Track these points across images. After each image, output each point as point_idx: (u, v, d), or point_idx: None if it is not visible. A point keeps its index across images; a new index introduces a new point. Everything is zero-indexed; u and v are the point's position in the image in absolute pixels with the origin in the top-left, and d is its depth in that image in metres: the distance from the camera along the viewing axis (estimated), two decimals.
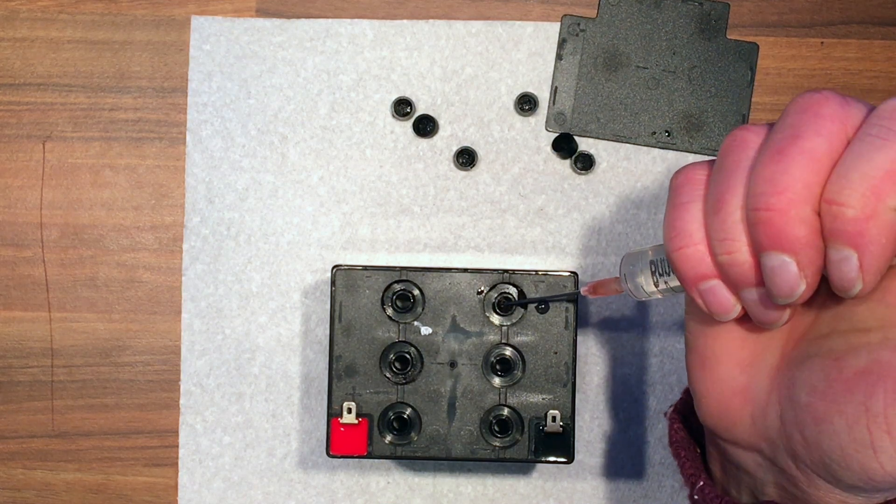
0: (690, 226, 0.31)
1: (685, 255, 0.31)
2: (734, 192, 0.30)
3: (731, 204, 0.30)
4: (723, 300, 0.31)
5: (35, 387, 0.50)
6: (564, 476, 0.49)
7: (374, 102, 0.49)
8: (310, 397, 0.49)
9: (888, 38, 0.49)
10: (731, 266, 0.30)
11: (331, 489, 0.49)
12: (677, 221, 0.31)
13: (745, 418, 0.34)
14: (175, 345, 0.49)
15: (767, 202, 0.28)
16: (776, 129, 0.29)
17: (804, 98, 0.29)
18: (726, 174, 0.30)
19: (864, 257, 0.28)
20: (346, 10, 0.50)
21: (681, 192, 0.31)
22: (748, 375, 0.34)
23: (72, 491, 0.50)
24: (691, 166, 0.32)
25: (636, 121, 0.49)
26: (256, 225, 0.49)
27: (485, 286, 0.43)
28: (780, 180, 0.28)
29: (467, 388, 0.43)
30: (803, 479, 0.33)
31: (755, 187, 0.29)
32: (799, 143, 0.28)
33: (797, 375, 0.32)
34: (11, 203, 0.50)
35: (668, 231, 0.31)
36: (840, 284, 0.29)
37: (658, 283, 0.35)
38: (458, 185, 0.49)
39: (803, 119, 0.29)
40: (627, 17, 0.49)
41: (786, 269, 0.29)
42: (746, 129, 0.31)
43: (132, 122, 0.50)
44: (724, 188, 0.30)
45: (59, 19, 0.49)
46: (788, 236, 0.28)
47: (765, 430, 0.33)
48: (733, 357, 0.34)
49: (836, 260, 0.28)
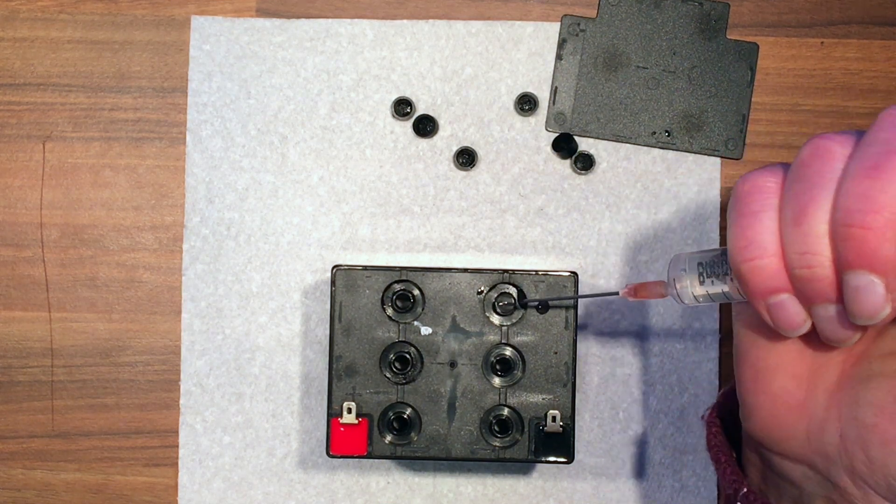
0: (763, 236, 0.29)
1: (756, 266, 0.29)
2: (818, 203, 0.28)
3: (814, 216, 0.28)
4: (793, 315, 0.30)
5: (35, 387, 0.50)
6: (564, 476, 0.49)
7: (374, 102, 0.49)
8: (310, 397, 0.49)
9: (888, 38, 0.49)
10: (809, 281, 0.29)
11: (331, 489, 0.49)
12: (748, 231, 0.30)
13: (800, 433, 0.33)
14: (175, 345, 0.49)
15: (863, 220, 0.27)
16: (869, 142, 0.28)
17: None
18: (810, 184, 0.29)
19: None
20: (346, 10, 0.50)
21: (751, 200, 0.30)
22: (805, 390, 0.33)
23: (72, 491, 0.50)
24: (760, 173, 0.31)
25: (636, 121, 0.49)
26: (256, 225, 0.49)
27: (485, 286, 0.43)
28: (877, 198, 0.27)
29: (467, 388, 0.43)
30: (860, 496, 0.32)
31: (848, 203, 0.27)
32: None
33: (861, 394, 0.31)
34: (11, 203, 0.50)
35: (736, 241, 0.30)
36: None
37: (709, 290, 0.34)
38: (458, 185, 0.49)
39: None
40: (627, 17, 0.49)
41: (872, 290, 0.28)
42: (829, 138, 0.29)
43: (132, 122, 0.50)
44: (807, 199, 0.28)
45: (59, 19, 0.49)
46: (881, 257, 0.27)
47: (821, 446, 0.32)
48: (789, 370, 0.33)
49: None
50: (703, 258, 0.34)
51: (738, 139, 0.49)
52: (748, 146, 0.49)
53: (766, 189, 0.30)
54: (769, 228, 0.29)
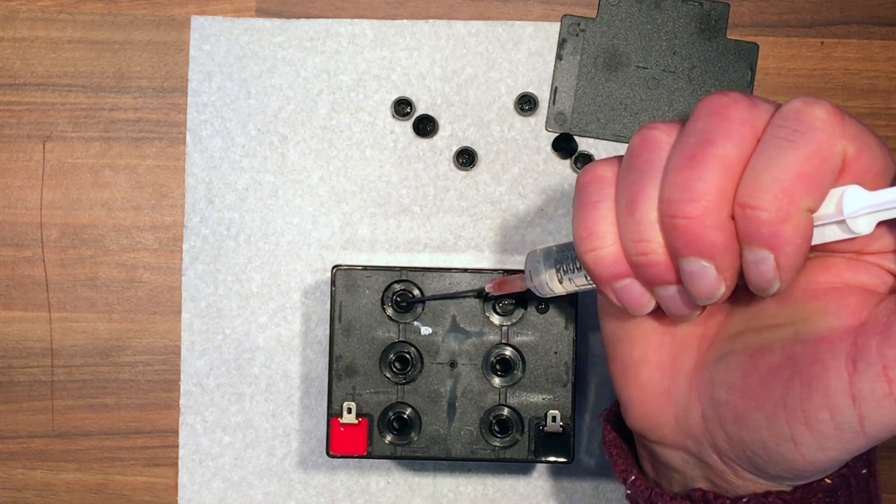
0: (601, 226, 0.31)
1: (598, 256, 0.31)
2: (647, 193, 0.30)
3: (644, 205, 0.30)
4: (637, 297, 0.31)
5: (35, 387, 0.50)
6: (564, 476, 0.49)
7: (374, 102, 0.49)
8: (310, 397, 0.49)
9: (888, 38, 0.49)
10: (646, 266, 0.30)
11: (331, 489, 0.49)
12: (587, 221, 0.31)
13: (669, 419, 0.34)
14: (175, 345, 0.49)
15: (683, 210, 0.28)
16: (687, 133, 0.29)
17: (713, 101, 0.29)
18: (638, 175, 0.30)
19: (780, 257, 0.28)
20: (346, 10, 0.50)
21: (589, 191, 0.31)
22: (668, 378, 0.34)
23: (72, 491, 0.50)
24: (598, 164, 0.32)
25: (636, 121, 0.49)
26: (256, 225, 0.49)
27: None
28: (694, 187, 0.28)
29: (467, 388, 0.43)
30: (729, 472, 0.33)
31: (670, 194, 0.29)
32: (711, 148, 0.28)
33: (714, 374, 0.33)
34: (11, 203, 0.50)
35: (578, 231, 0.31)
36: (758, 284, 0.29)
37: (563, 280, 0.35)
38: (458, 185, 0.49)
39: (713, 123, 0.29)
40: (627, 17, 0.49)
41: (705, 273, 0.29)
42: (655, 127, 0.31)
43: (132, 122, 0.50)
44: (636, 189, 0.30)
45: (59, 19, 0.50)
46: (706, 242, 0.29)
47: (688, 429, 0.34)
48: (652, 361, 0.34)
49: (753, 261, 0.28)
50: (556, 250, 0.36)
51: None
52: None
53: (603, 180, 0.31)
54: (607, 218, 0.31)
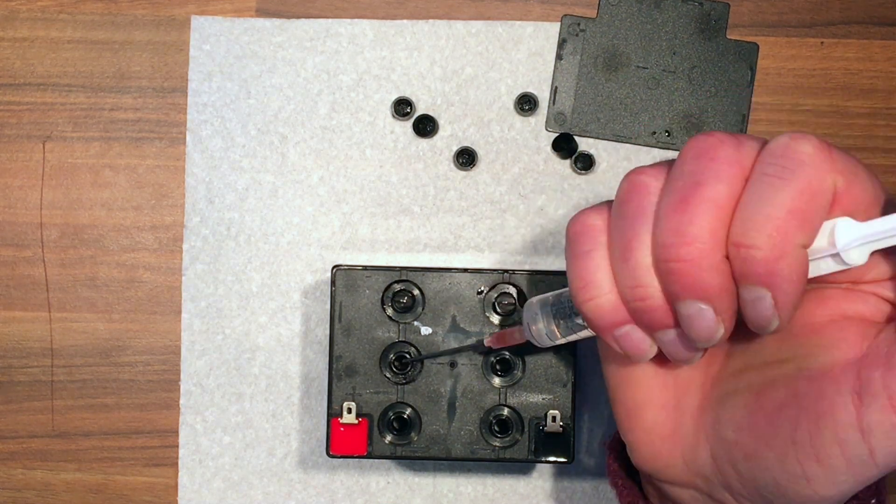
0: (596, 275, 0.31)
1: (596, 305, 0.31)
2: (640, 238, 0.30)
3: (638, 251, 0.30)
4: (638, 343, 0.31)
5: (35, 387, 0.50)
6: (564, 476, 0.49)
7: (374, 102, 0.49)
8: (310, 397, 0.49)
9: (888, 38, 0.49)
10: (644, 312, 0.30)
11: (331, 489, 0.49)
12: (582, 271, 0.31)
13: (677, 460, 0.34)
14: (175, 345, 0.49)
15: (677, 253, 0.28)
16: (675, 176, 0.29)
17: (698, 142, 0.29)
18: (629, 221, 0.30)
19: (777, 295, 0.28)
20: (346, 10, 0.50)
21: (581, 241, 0.31)
22: (674, 419, 0.34)
23: (72, 491, 0.50)
24: (586, 213, 0.32)
25: (636, 121, 0.49)
26: (256, 225, 0.49)
27: (485, 286, 0.43)
28: (687, 231, 0.28)
29: (467, 388, 0.43)
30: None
31: (662, 238, 0.29)
32: (700, 190, 0.28)
33: (721, 414, 0.33)
34: (11, 203, 0.50)
35: (574, 282, 0.31)
36: (757, 323, 0.29)
37: (562, 330, 0.35)
38: (458, 185, 0.49)
39: (701, 164, 0.29)
40: (627, 17, 0.49)
41: (703, 316, 0.29)
42: (642, 172, 0.30)
43: (132, 122, 0.50)
44: (629, 235, 0.30)
45: (59, 19, 0.50)
46: (702, 285, 0.28)
47: (698, 468, 0.34)
48: (656, 402, 0.34)
49: (750, 300, 0.28)
50: (553, 300, 0.35)
51: None
52: None
53: (594, 228, 0.31)
54: (601, 267, 0.31)
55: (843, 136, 0.49)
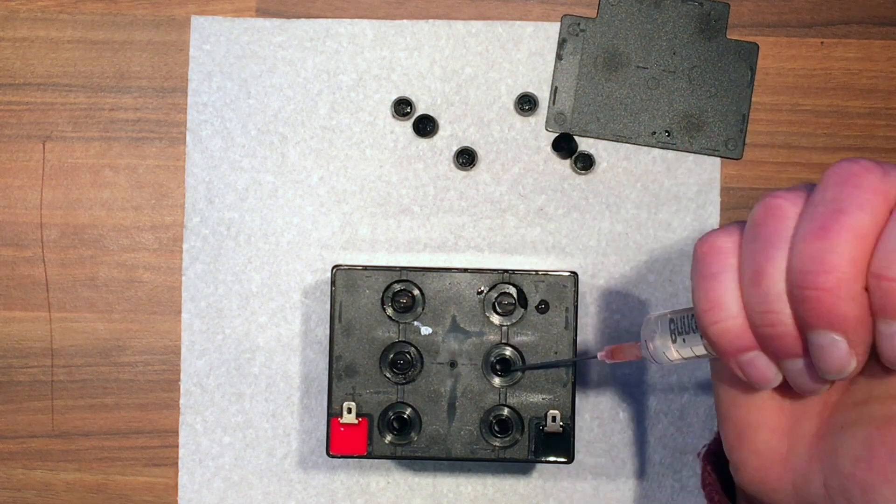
0: (724, 298, 0.30)
1: (723, 328, 0.30)
2: (774, 263, 0.29)
3: (772, 276, 0.29)
4: (764, 370, 0.31)
5: (35, 387, 0.50)
6: (564, 476, 0.49)
7: (374, 102, 0.49)
8: (310, 397, 0.49)
9: (888, 38, 0.49)
10: (773, 339, 0.29)
11: (331, 489, 0.49)
12: (710, 293, 0.30)
13: (787, 486, 0.33)
14: (175, 345, 0.49)
15: (815, 281, 0.28)
16: (816, 202, 0.29)
17: (843, 168, 0.29)
18: (764, 244, 0.29)
19: None
20: (346, 10, 0.50)
21: (709, 262, 0.30)
22: (787, 444, 0.33)
23: (72, 491, 0.50)
24: (716, 234, 0.31)
25: (636, 121, 0.49)
26: (256, 225, 0.49)
27: (485, 286, 0.43)
28: (827, 259, 0.27)
29: (467, 388, 0.43)
30: None
31: (800, 264, 0.28)
32: (843, 218, 0.28)
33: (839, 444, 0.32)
34: (11, 203, 0.50)
35: (700, 304, 0.30)
36: (893, 358, 0.28)
37: (682, 350, 0.34)
38: (458, 185, 0.49)
39: (844, 192, 0.28)
40: (627, 17, 0.49)
41: (837, 347, 0.28)
42: (780, 196, 0.30)
43: (132, 122, 0.50)
44: (762, 258, 0.29)
45: (59, 19, 0.50)
46: (839, 315, 0.28)
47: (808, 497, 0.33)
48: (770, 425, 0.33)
49: (888, 334, 0.28)
50: (673, 318, 0.35)
51: (738, 139, 0.49)
52: (748, 146, 0.49)
53: (723, 250, 0.31)
54: (730, 289, 0.30)
55: (843, 136, 0.49)
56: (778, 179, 0.49)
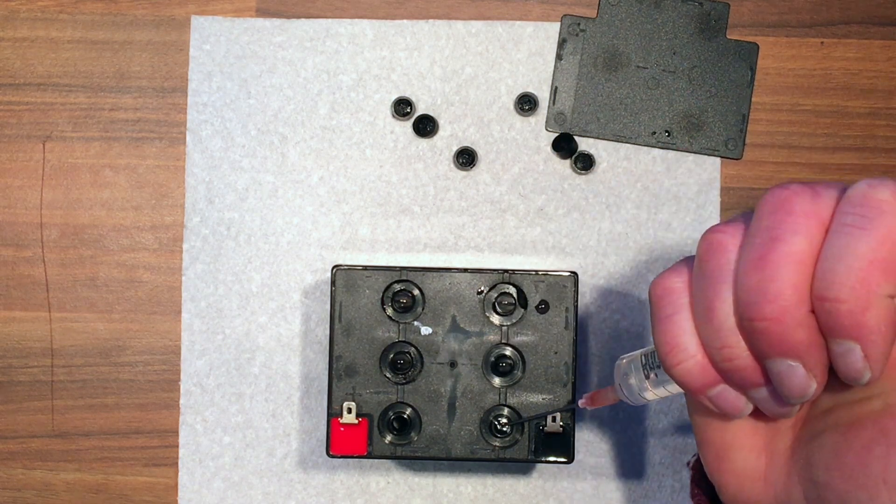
0: (682, 338, 0.30)
1: (685, 369, 0.30)
2: (722, 298, 0.29)
3: (721, 311, 0.29)
4: (733, 402, 0.31)
5: (35, 387, 0.50)
6: (564, 476, 0.49)
7: (374, 102, 0.49)
8: (310, 397, 0.49)
9: (888, 38, 0.49)
10: (734, 372, 0.30)
11: (331, 489, 0.49)
12: (667, 335, 0.31)
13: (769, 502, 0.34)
14: (175, 345, 0.49)
15: (761, 312, 0.28)
16: (753, 233, 0.29)
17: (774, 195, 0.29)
18: (710, 281, 0.30)
19: (867, 347, 0.27)
20: (346, 10, 0.50)
21: (664, 305, 0.31)
22: (765, 461, 0.34)
23: (72, 491, 0.50)
24: (667, 274, 0.31)
25: (636, 121, 0.49)
26: (256, 225, 0.49)
27: (485, 286, 0.43)
28: (768, 288, 0.28)
29: (467, 388, 0.43)
30: None
31: (744, 297, 0.28)
32: (779, 246, 0.28)
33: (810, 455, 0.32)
34: (11, 203, 0.50)
35: (660, 347, 0.31)
36: (848, 375, 0.28)
37: (656, 389, 0.35)
38: (458, 185, 0.49)
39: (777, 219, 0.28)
40: (627, 17, 0.49)
41: (794, 373, 0.28)
42: (720, 230, 0.30)
43: (132, 122, 0.50)
44: (710, 295, 0.29)
45: (59, 19, 0.50)
46: (790, 342, 0.28)
47: None
48: (747, 446, 0.34)
49: (840, 353, 0.28)
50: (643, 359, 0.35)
51: (738, 139, 0.49)
52: (748, 146, 0.49)
53: (675, 290, 0.31)
54: (686, 330, 0.30)
55: (843, 136, 0.49)
56: (778, 179, 0.49)
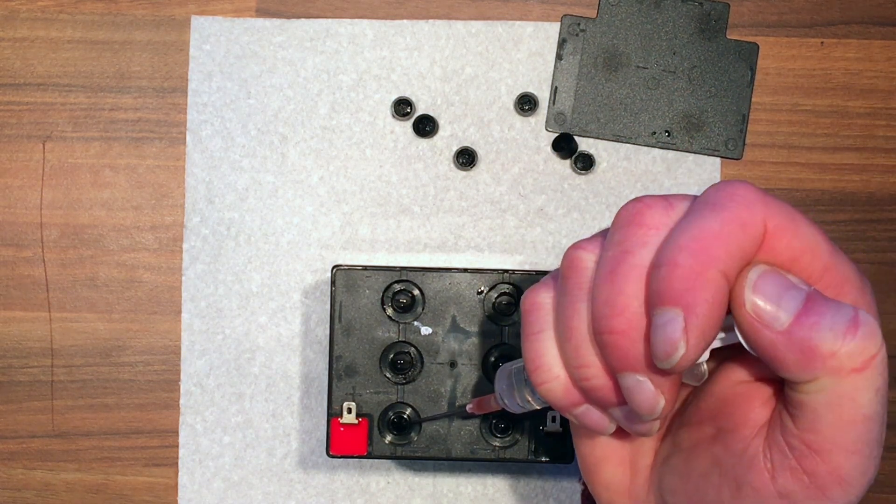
0: (546, 358, 0.30)
1: (549, 389, 0.30)
2: (579, 316, 0.29)
3: (578, 330, 0.29)
4: (598, 421, 0.31)
5: (35, 387, 0.50)
6: (564, 476, 0.49)
7: (374, 102, 0.49)
8: (310, 397, 0.49)
9: (888, 38, 0.49)
10: (591, 391, 0.30)
11: (331, 489, 0.49)
12: (533, 354, 0.30)
13: None
14: (175, 345, 0.49)
15: (609, 325, 0.28)
16: (606, 246, 0.29)
17: (626, 209, 0.29)
18: (569, 299, 0.29)
19: (690, 316, 0.26)
20: (346, 10, 0.50)
21: (531, 321, 0.31)
22: (630, 475, 0.34)
23: (72, 491, 0.50)
24: (535, 289, 0.31)
25: (636, 121, 0.49)
26: (256, 225, 0.49)
27: (485, 286, 0.43)
28: (617, 301, 0.28)
29: (467, 388, 0.43)
30: None
31: (595, 311, 0.28)
32: (628, 258, 0.28)
33: (662, 476, 0.32)
34: (11, 203, 0.50)
35: (527, 364, 0.31)
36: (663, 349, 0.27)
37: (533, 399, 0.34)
38: (458, 185, 0.49)
39: (628, 233, 0.28)
40: (627, 17, 0.49)
41: (642, 388, 0.28)
42: (579, 247, 0.30)
43: (132, 122, 0.50)
44: (569, 314, 0.29)
45: (59, 19, 0.50)
46: (637, 356, 0.28)
47: None
48: (614, 459, 0.34)
49: (660, 324, 0.27)
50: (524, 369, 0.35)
51: (738, 139, 0.49)
52: (748, 146, 0.49)
53: (542, 306, 0.31)
54: (550, 349, 0.30)
55: (843, 136, 0.49)
56: (778, 179, 0.49)
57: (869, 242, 0.49)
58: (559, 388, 0.30)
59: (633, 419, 0.30)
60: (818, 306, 0.27)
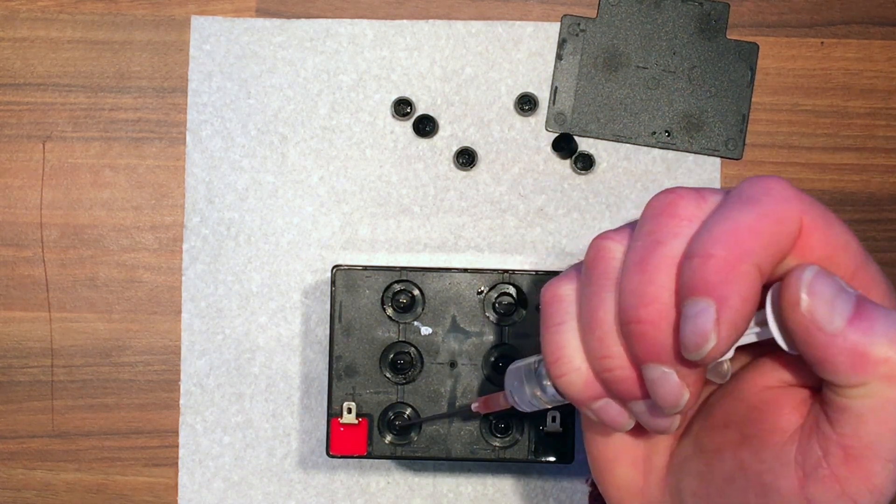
0: (568, 350, 0.30)
1: (568, 381, 0.30)
2: (605, 306, 0.29)
3: (604, 320, 0.29)
4: (616, 416, 0.31)
5: (35, 387, 0.50)
6: (564, 476, 0.49)
7: (374, 102, 0.49)
8: (310, 397, 0.49)
9: (888, 38, 0.49)
10: (613, 383, 0.29)
11: (331, 489, 0.49)
12: (553, 345, 0.30)
13: None
14: (175, 345, 0.49)
15: (637, 315, 0.27)
16: (636, 236, 0.29)
17: (659, 199, 0.29)
18: (594, 288, 0.29)
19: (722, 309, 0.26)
20: (346, 10, 0.50)
21: (553, 312, 0.30)
22: (643, 476, 0.33)
23: (72, 491, 0.50)
24: (557, 281, 0.31)
25: (636, 121, 0.49)
26: (256, 225, 0.49)
27: (485, 286, 0.43)
28: (646, 291, 0.27)
29: (467, 388, 0.43)
30: None
31: (624, 301, 0.28)
32: (659, 249, 0.28)
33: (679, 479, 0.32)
34: (11, 203, 0.50)
35: (546, 357, 0.30)
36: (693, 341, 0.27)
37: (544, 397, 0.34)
38: (458, 185, 0.49)
39: (661, 223, 0.28)
40: (627, 17, 0.49)
41: (667, 380, 0.28)
42: (606, 237, 0.30)
43: (132, 122, 0.50)
44: (594, 304, 0.29)
45: (59, 19, 0.50)
46: (663, 347, 0.27)
47: None
48: (627, 459, 0.33)
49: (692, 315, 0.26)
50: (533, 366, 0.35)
51: (738, 139, 0.49)
52: (748, 146, 0.49)
53: (564, 298, 0.30)
54: (571, 340, 0.30)
55: (843, 136, 0.49)
56: None
57: (869, 242, 0.49)
58: (579, 381, 0.30)
59: (655, 413, 0.30)
60: (869, 311, 0.27)
